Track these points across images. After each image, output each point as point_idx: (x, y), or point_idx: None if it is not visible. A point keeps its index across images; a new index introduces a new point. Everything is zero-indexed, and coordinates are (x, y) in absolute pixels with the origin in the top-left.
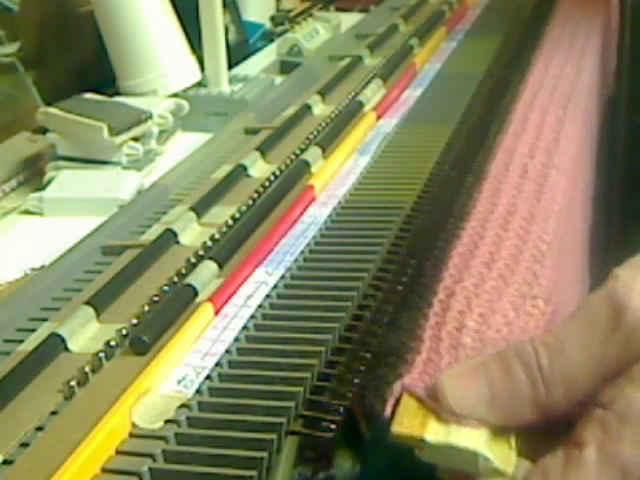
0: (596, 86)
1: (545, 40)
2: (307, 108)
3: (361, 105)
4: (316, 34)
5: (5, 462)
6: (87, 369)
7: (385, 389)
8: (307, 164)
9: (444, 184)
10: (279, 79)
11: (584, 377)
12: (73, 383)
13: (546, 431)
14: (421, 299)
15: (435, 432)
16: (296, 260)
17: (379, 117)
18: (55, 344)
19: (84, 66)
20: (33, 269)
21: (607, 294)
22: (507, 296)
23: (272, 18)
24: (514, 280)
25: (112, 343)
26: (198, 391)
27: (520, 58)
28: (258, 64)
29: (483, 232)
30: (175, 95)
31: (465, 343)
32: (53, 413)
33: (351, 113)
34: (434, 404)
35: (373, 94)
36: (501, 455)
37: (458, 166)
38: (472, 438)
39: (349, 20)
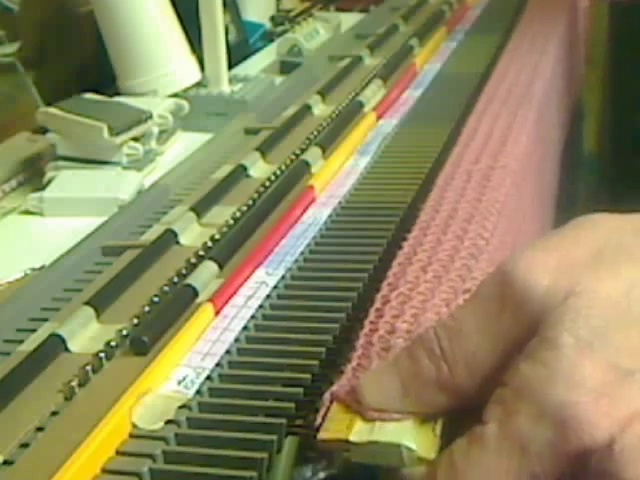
0: (556, 91)
1: (506, 48)
2: (307, 108)
3: (361, 105)
4: (316, 34)
5: (5, 462)
6: (87, 369)
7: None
8: (307, 164)
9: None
10: (279, 79)
11: (484, 354)
12: (73, 383)
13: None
14: (360, 311)
15: (360, 432)
16: (296, 260)
17: (379, 117)
18: (55, 344)
19: (84, 66)
20: (33, 269)
21: (497, 270)
22: (440, 293)
23: (272, 18)
24: (448, 278)
25: (112, 343)
26: (198, 392)
27: (487, 66)
28: (258, 64)
29: (423, 239)
30: (175, 95)
31: (396, 345)
32: (53, 413)
33: (351, 113)
34: (357, 406)
35: (373, 94)
36: (425, 444)
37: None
38: (395, 432)
39: (349, 20)
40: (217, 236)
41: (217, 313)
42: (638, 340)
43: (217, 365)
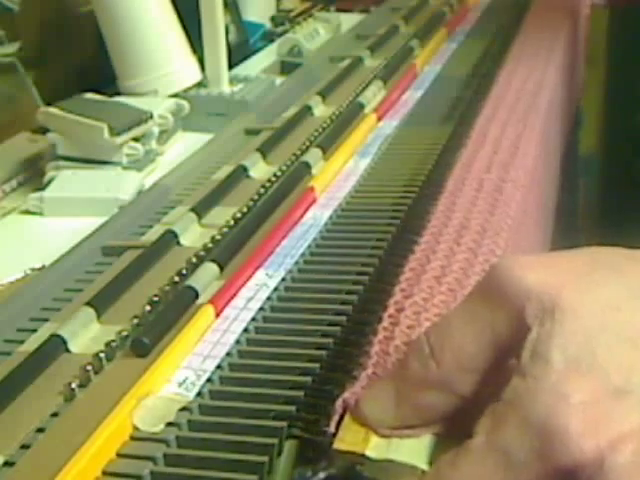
0: (559, 100)
1: (510, 53)
2: (307, 109)
3: (361, 106)
4: (316, 34)
5: (6, 464)
6: (88, 370)
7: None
8: (308, 165)
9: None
10: (279, 80)
11: (470, 346)
12: (74, 385)
13: None
14: (371, 314)
15: (377, 448)
16: (297, 262)
17: (379, 119)
18: (56, 345)
19: (84, 66)
20: (33, 269)
21: (489, 268)
22: None
23: (272, 18)
24: (463, 293)
25: (113, 345)
26: (199, 394)
27: (489, 69)
28: (258, 64)
29: (436, 246)
30: (176, 95)
31: None
32: (54, 415)
33: (351, 114)
34: (364, 421)
35: (373, 95)
36: None
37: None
38: (412, 452)
39: (349, 21)
40: (218, 237)
41: (218, 315)
42: (626, 357)
43: (218, 367)
